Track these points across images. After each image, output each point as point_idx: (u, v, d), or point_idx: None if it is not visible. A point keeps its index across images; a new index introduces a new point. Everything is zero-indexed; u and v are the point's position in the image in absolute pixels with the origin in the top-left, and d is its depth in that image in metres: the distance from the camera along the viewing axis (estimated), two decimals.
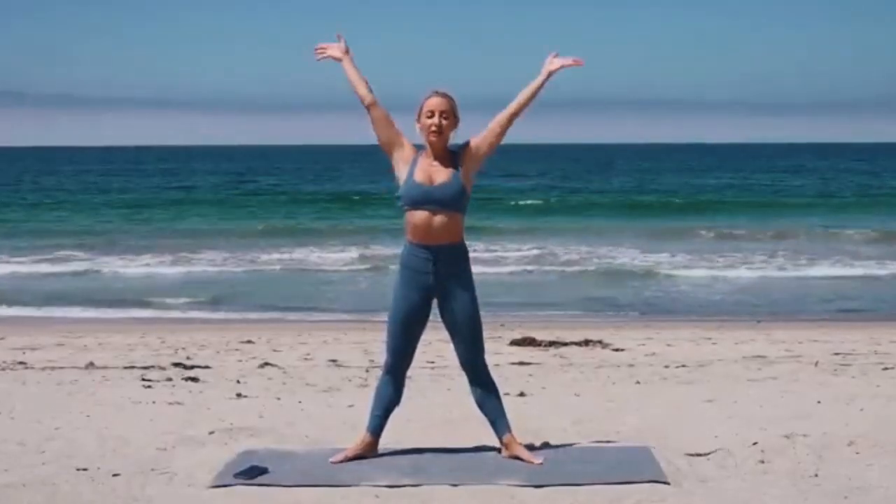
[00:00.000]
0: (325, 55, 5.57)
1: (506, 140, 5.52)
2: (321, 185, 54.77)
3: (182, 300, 16.90)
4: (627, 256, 23.22)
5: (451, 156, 5.41)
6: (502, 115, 5.46)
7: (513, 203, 40.02)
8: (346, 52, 5.52)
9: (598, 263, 22.03)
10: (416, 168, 5.37)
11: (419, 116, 5.42)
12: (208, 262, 22.69)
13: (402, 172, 5.40)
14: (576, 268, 21.41)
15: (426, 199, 5.32)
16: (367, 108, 5.44)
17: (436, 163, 5.38)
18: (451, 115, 5.39)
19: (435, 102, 5.39)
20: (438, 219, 5.33)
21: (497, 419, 5.55)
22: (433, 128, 5.35)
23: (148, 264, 22.31)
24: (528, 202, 40.94)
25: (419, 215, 5.35)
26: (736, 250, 24.11)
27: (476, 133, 5.48)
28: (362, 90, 5.46)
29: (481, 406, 5.57)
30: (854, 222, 30.71)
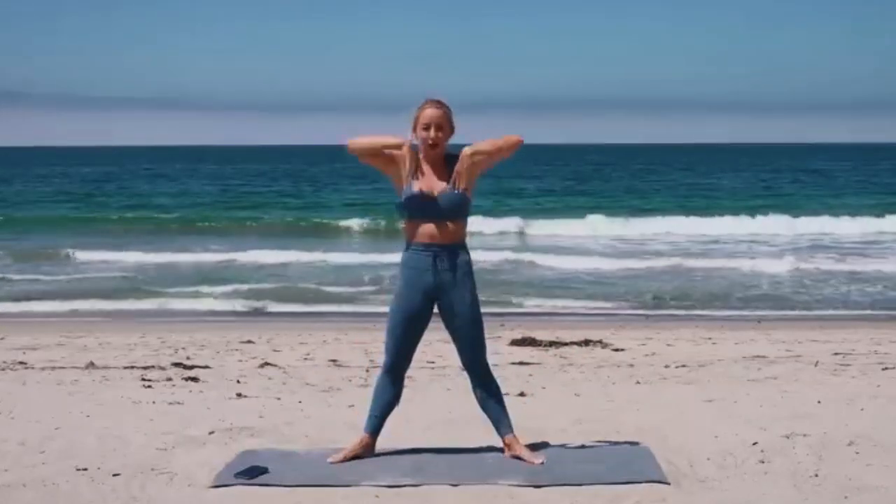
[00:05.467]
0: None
1: None
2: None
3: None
4: None
5: (448, 163, 5.42)
6: (499, 149, 5.40)
7: None
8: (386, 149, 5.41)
9: None
10: (415, 178, 5.38)
11: (415, 126, 5.42)
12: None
13: (400, 183, 5.41)
14: None
15: (427, 211, 5.34)
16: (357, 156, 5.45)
17: (434, 172, 5.39)
18: (445, 125, 5.39)
19: (430, 114, 5.39)
20: (440, 226, 5.36)
21: (499, 419, 5.56)
22: (430, 141, 5.36)
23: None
24: None
25: (420, 224, 5.37)
26: None
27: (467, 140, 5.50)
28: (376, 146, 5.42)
29: (483, 406, 5.58)
30: None
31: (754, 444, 5.85)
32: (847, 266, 20.56)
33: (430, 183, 5.37)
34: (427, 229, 5.37)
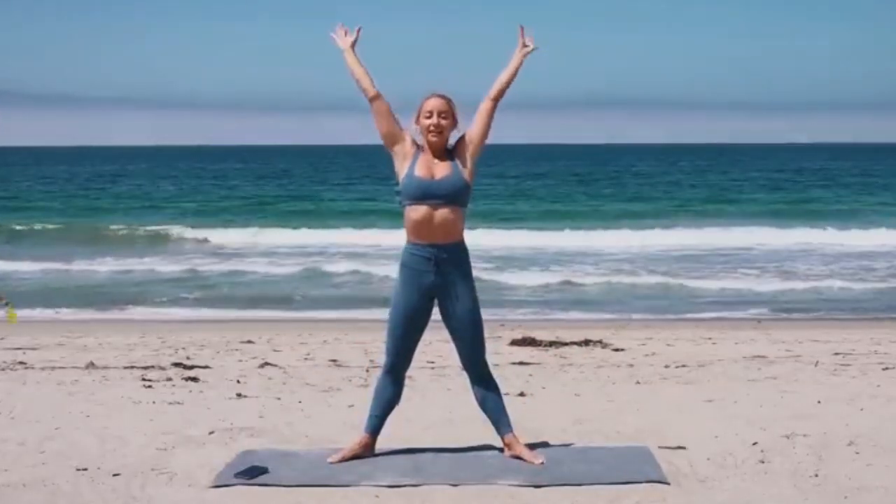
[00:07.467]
0: (334, 37, 5.54)
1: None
2: None
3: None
4: None
5: (449, 152, 5.43)
6: (487, 100, 5.46)
7: None
8: (352, 44, 5.51)
9: None
10: (417, 163, 5.37)
11: (417, 118, 5.44)
12: None
13: (402, 167, 5.40)
14: None
15: (427, 193, 5.31)
16: (370, 100, 5.42)
17: (436, 160, 5.39)
18: (449, 115, 5.40)
19: (433, 103, 5.41)
20: (439, 214, 5.32)
21: (499, 419, 5.55)
22: (432, 128, 5.37)
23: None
24: None
25: (420, 210, 5.34)
26: None
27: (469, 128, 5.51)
28: (365, 83, 5.44)
29: (483, 406, 5.58)
30: None
31: (754, 444, 5.85)
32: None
33: (430, 168, 5.37)
34: (425, 220, 5.32)
